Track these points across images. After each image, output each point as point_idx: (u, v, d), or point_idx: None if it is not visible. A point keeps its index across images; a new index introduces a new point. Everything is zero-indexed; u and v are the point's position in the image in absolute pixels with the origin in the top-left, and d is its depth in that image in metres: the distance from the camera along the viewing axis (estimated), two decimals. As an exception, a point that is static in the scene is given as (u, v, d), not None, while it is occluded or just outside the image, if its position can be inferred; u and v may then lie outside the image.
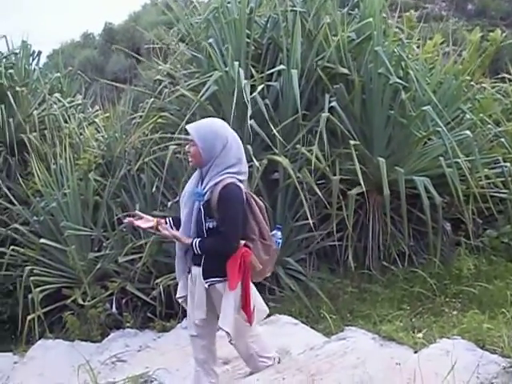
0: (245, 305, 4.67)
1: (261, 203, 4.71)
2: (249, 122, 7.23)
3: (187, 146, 4.65)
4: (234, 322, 4.57)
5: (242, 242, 4.54)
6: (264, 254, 4.64)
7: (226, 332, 4.55)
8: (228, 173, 4.49)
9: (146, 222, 4.80)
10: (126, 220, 4.94)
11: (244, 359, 5.03)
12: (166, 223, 4.82)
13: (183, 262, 4.73)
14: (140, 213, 4.93)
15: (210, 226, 4.50)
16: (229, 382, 5.16)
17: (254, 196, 4.71)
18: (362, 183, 7.34)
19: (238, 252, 4.51)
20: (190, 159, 4.66)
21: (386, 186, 7.29)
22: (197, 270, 4.61)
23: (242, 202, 4.53)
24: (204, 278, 4.55)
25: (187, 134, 4.63)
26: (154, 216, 4.92)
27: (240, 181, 4.55)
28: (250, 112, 7.16)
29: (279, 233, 4.76)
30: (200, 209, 4.51)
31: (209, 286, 4.55)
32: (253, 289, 4.72)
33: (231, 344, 4.74)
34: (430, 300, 7.03)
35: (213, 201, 4.44)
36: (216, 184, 4.46)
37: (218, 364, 5.15)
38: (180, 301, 4.99)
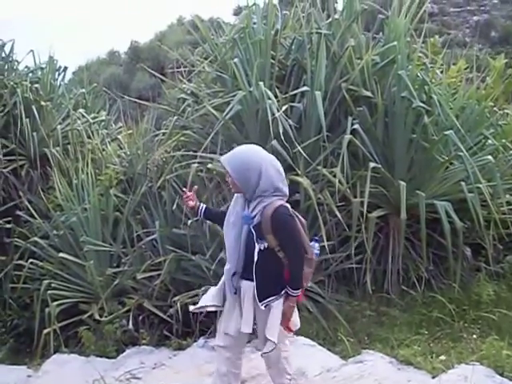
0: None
1: (303, 220, 4.80)
2: (272, 141, 7.25)
3: (226, 176, 4.72)
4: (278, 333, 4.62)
5: None
6: (307, 267, 4.71)
7: (272, 342, 4.56)
8: (276, 195, 4.56)
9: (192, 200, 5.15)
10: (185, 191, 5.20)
11: (272, 374, 5.03)
12: (199, 208, 5.14)
13: (230, 284, 4.72)
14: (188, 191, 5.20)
15: (262, 248, 4.53)
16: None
17: (297, 213, 4.77)
18: (383, 206, 7.31)
19: None
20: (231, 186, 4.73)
21: (403, 209, 7.25)
22: (248, 285, 4.65)
23: (295, 222, 4.61)
24: (260, 300, 4.57)
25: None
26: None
27: (287, 201, 4.64)
28: (281, 130, 7.18)
29: (317, 244, 4.84)
30: (250, 231, 4.55)
31: (265, 306, 4.59)
32: None
33: (263, 356, 4.76)
34: (448, 325, 6.98)
35: (264, 223, 4.48)
36: (265, 207, 4.51)
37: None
38: (208, 309, 4.97)
